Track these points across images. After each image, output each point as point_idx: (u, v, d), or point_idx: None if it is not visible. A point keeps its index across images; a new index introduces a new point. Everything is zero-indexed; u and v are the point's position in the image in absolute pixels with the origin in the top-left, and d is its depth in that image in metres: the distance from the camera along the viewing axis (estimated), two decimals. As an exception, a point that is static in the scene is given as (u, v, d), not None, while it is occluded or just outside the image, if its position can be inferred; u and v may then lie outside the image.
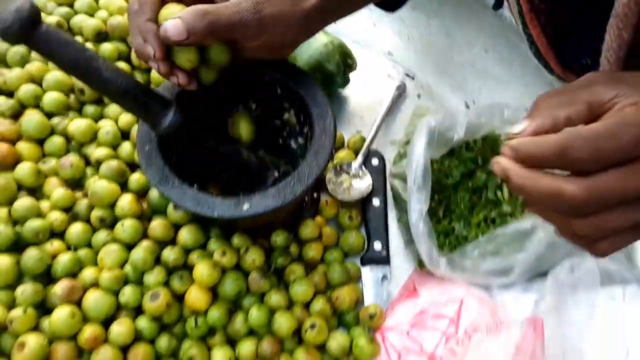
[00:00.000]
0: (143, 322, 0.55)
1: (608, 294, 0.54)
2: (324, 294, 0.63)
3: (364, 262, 0.67)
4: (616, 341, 0.49)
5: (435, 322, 0.57)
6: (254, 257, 0.60)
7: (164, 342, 0.55)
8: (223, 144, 0.59)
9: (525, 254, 0.57)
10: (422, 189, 0.61)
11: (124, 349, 0.54)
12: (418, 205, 0.60)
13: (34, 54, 0.72)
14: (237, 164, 0.61)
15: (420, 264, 0.67)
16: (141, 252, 0.56)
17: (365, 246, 0.68)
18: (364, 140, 0.75)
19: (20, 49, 0.72)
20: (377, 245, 0.68)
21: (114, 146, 0.67)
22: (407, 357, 0.57)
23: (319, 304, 0.60)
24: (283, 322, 0.57)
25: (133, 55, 0.73)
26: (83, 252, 0.59)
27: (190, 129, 0.55)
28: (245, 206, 0.52)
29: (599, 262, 0.56)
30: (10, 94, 0.69)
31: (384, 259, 0.67)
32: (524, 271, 0.58)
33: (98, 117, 0.70)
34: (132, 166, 0.66)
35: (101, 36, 0.73)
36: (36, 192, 0.62)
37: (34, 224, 0.56)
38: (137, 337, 0.55)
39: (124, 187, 0.64)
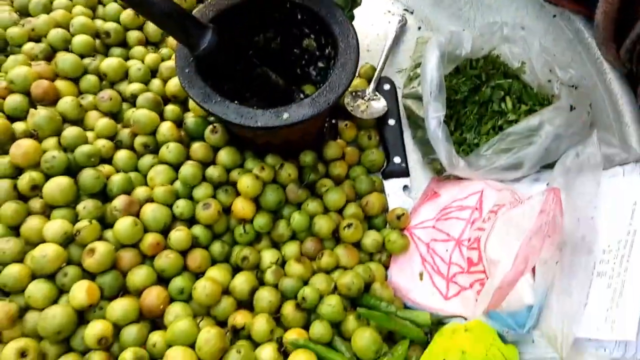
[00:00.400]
0: (198, 230, 0.60)
1: (610, 173, 0.61)
2: (354, 202, 0.68)
3: (385, 176, 0.73)
4: (621, 206, 0.56)
5: (459, 213, 0.63)
6: (289, 171, 0.65)
7: (217, 247, 0.61)
8: (253, 67, 0.64)
9: (534, 147, 0.64)
10: (438, 98, 0.67)
11: (182, 254, 0.59)
12: (436, 114, 0.66)
13: (55, 3, 0.75)
14: (266, 86, 0.66)
15: (438, 172, 0.73)
16: (189, 168, 0.61)
17: (385, 162, 0.74)
18: (374, 68, 0.80)
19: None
20: (397, 159, 0.74)
21: (145, 82, 0.71)
22: (436, 246, 0.63)
23: (351, 209, 0.66)
24: (322, 224, 0.63)
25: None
26: (132, 175, 0.63)
27: (225, 51, 0.59)
28: (285, 115, 0.57)
29: (601, 148, 0.63)
30: (38, 40, 0.72)
31: (403, 171, 0.73)
32: (534, 164, 0.65)
33: (125, 59, 0.74)
34: (164, 100, 0.71)
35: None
36: (77, 124, 0.66)
37: (85, 149, 0.60)
38: (193, 244, 0.60)
39: (160, 117, 0.68)
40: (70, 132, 0.61)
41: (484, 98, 0.74)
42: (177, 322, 0.52)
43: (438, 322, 0.59)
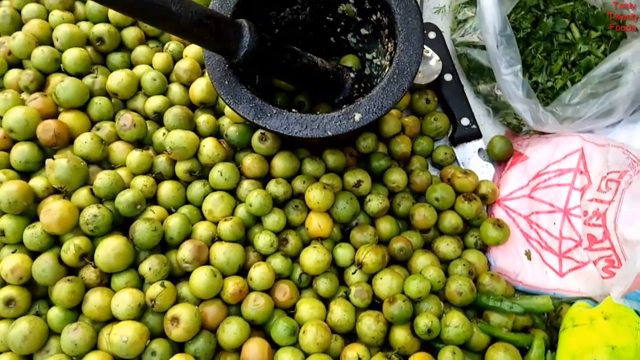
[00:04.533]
0: (279, 262, 0.52)
1: None
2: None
3: (455, 142, 0.65)
4: None
5: (559, 179, 0.56)
6: (358, 177, 0.57)
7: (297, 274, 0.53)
8: (298, 57, 0.53)
9: (625, 87, 0.56)
10: (509, 46, 0.57)
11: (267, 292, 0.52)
12: (510, 69, 0.57)
13: (25, 12, 0.61)
14: (315, 75, 0.55)
15: (514, 128, 0.64)
16: (259, 198, 0.52)
17: (451, 126, 0.65)
18: (412, 16, 0.69)
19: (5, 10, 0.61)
20: (465, 121, 0.65)
21: (164, 92, 0.60)
22: (539, 219, 0.56)
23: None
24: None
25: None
26: (186, 210, 0.54)
27: (267, 49, 0.48)
28: (357, 117, 0.48)
29: None
30: (19, 65, 0.60)
31: (475, 133, 0.65)
32: (629, 106, 0.57)
33: (128, 65, 0.62)
34: (190, 107, 0.60)
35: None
36: (102, 164, 0.56)
37: (127, 196, 0.51)
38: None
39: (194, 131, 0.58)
40: (103, 180, 0.51)
41: (546, 30, 0.64)
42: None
43: (559, 304, 0.54)
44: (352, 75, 0.59)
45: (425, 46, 0.67)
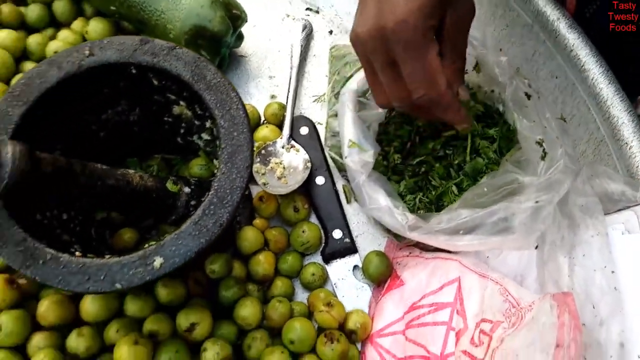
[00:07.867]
0: None
1: (618, 220, 0.45)
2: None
3: (327, 259, 0.55)
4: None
5: (436, 316, 0.46)
6: (192, 320, 0.45)
7: None
8: (99, 178, 0.42)
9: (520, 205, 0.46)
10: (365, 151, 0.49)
11: None
12: (361, 173, 0.48)
13: None
14: (128, 196, 0.44)
15: (397, 237, 0.55)
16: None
17: (323, 238, 0.55)
18: (283, 106, 0.60)
19: None
20: (337, 234, 0.55)
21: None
22: (414, 366, 0.46)
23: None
24: None
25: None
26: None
27: (42, 174, 0.38)
28: (157, 261, 0.38)
29: (596, 186, 0.47)
30: None
31: (349, 248, 0.54)
32: (525, 230, 0.47)
33: None
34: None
35: None
36: None
37: None
38: None
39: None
40: None
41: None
42: None
43: None
44: (186, 190, 0.49)
45: (295, 143, 0.58)
